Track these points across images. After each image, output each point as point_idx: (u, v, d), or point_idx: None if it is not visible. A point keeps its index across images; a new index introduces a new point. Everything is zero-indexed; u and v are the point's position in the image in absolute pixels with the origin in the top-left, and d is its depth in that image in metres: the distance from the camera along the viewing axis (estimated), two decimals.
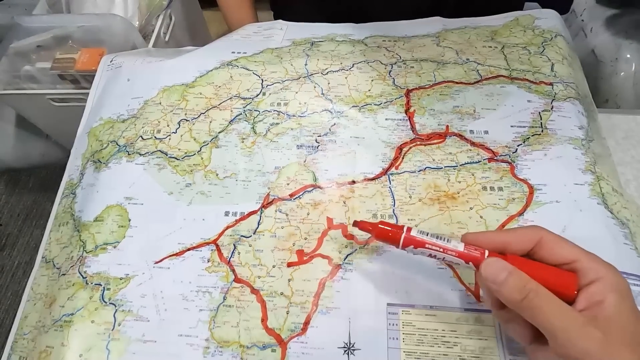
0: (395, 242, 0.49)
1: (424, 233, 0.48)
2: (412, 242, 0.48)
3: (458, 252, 0.46)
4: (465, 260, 0.45)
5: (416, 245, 0.47)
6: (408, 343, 0.51)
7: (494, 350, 0.50)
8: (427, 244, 0.47)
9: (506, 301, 0.42)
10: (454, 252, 0.46)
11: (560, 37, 0.75)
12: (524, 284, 0.41)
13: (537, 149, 0.62)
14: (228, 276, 0.56)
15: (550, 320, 0.40)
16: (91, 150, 0.72)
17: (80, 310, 0.56)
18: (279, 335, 0.52)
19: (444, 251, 0.46)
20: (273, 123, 0.68)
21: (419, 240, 0.47)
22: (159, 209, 0.63)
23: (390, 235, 0.49)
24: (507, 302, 0.42)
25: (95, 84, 0.81)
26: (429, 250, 0.47)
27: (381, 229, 0.50)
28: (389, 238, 0.49)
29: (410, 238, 0.48)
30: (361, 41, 0.79)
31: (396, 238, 0.48)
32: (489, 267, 0.43)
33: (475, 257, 0.45)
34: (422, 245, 0.47)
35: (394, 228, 0.49)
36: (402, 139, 0.65)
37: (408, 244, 0.48)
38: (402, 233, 0.48)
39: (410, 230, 0.48)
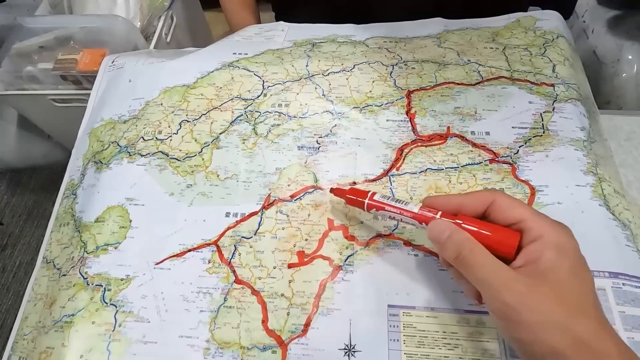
0: (361, 206, 0.54)
1: (385, 197, 0.52)
2: (374, 205, 0.52)
3: (413, 213, 0.49)
4: (419, 221, 0.48)
5: (377, 208, 0.52)
6: (409, 345, 0.51)
7: (495, 352, 0.50)
8: (387, 206, 0.51)
9: (447, 259, 0.45)
10: (409, 213, 0.49)
11: (562, 38, 0.75)
12: (461, 242, 0.43)
13: (539, 150, 0.62)
14: (229, 277, 0.56)
15: (480, 276, 0.42)
16: (92, 151, 0.72)
17: (80, 311, 0.56)
18: (280, 337, 0.52)
19: (400, 212, 0.50)
20: (274, 124, 0.68)
21: (380, 203, 0.52)
22: (160, 209, 0.63)
23: (357, 200, 0.54)
24: (448, 259, 0.45)
25: (96, 84, 0.81)
26: (388, 213, 0.51)
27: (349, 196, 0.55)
28: (357, 203, 0.55)
29: (373, 202, 0.53)
30: (362, 42, 0.79)
31: (362, 202, 0.54)
32: (434, 227, 0.46)
33: (428, 218, 0.48)
34: (383, 208, 0.52)
35: (360, 194, 0.54)
36: (403, 140, 0.65)
37: (371, 207, 0.53)
38: (366, 198, 0.53)
39: (374, 194, 0.53)
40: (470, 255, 0.43)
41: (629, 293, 0.51)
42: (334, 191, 0.58)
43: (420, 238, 0.57)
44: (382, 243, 0.57)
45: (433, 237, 0.46)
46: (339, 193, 0.57)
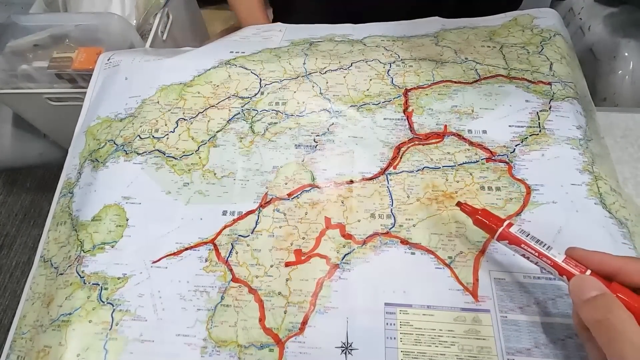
0: (492, 232, 0.51)
1: (524, 233, 0.49)
2: (508, 237, 0.49)
3: (554, 262, 0.46)
4: (560, 273, 0.45)
5: (511, 242, 0.49)
6: (405, 343, 0.51)
7: (491, 350, 0.50)
8: (523, 244, 0.48)
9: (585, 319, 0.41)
10: (549, 261, 0.46)
11: (559, 36, 0.75)
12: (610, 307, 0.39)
13: (535, 149, 0.62)
14: (226, 276, 0.56)
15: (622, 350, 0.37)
16: (89, 150, 0.71)
17: (77, 310, 0.56)
18: (277, 335, 0.52)
19: (539, 256, 0.47)
20: (271, 122, 0.68)
21: (516, 237, 0.49)
22: (156, 208, 0.63)
23: (488, 225, 0.51)
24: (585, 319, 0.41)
25: (92, 82, 0.80)
26: (523, 251, 0.48)
27: (480, 220, 0.52)
28: (487, 228, 0.51)
29: (508, 234, 0.49)
30: (360, 41, 0.79)
31: (493, 230, 0.50)
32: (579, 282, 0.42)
33: (571, 273, 0.44)
34: (518, 244, 0.48)
35: (493, 220, 0.51)
36: (400, 138, 0.65)
37: (503, 239, 0.50)
38: (501, 227, 0.50)
39: (511, 226, 0.49)
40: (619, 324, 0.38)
41: None
42: (461, 206, 0.55)
43: (417, 237, 0.57)
44: (379, 241, 0.57)
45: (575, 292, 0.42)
46: (467, 210, 0.54)
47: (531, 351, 0.49)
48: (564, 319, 0.51)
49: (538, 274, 0.53)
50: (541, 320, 0.51)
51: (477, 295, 0.53)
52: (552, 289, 0.52)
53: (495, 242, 0.55)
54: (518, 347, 0.50)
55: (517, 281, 0.53)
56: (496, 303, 0.52)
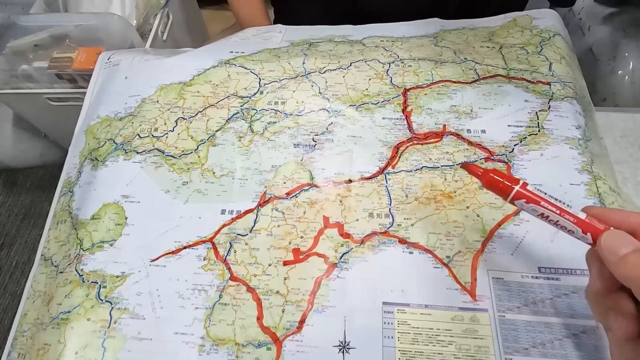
0: (504, 193, 0.45)
1: (541, 192, 0.44)
2: (524, 196, 0.44)
3: (577, 218, 0.42)
4: (583, 230, 0.42)
5: (529, 200, 0.44)
6: (403, 342, 0.51)
7: (489, 349, 0.50)
8: (542, 201, 0.43)
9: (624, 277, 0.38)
10: (572, 218, 0.42)
11: (558, 36, 0.75)
12: None
13: (534, 149, 0.62)
14: (224, 274, 0.57)
15: None
16: (89, 149, 0.72)
17: (76, 308, 0.56)
18: (275, 334, 0.52)
19: (560, 214, 0.43)
20: (270, 122, 0.68)
21: (534, 196, 0.44)
22: (155, 207, 0.63)
23: (501, 185, 0.45)
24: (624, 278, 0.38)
25: (92, 81, 0.81)
26: (542, 209, 0.43)
27: (493, 179, 0.46)
28: (500, 188, 0.46)
29: (526, 192, 0.44)
30: (359, 41, 0.79)
31: (506, 190, 0.45)
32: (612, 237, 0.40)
33: (596, 229, 0.41)
34: (537, 202, 0.44)
35: (507, 179, 0.46)
36: (399, 138, 0.65)
37: (519, 197, 0.44)
38: (516, 186, 0.45)
39: (526, 185, 0.45)
40: None
41: None
42: (468, 167, 0.50)
43: (416, 236, 0.57)
44: (377, 241, 0.57)
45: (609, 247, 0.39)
46: (473, 170, 0.49)
47: (529, 351, 0.49)
48: (562, 319, 0.51)
49: (536, 274, 0.53)
50: (539, 319, 0.51)
51: (475, 294, 0.53)
52: (550, 289, 0.52)
53: (493, 242, 0.55)
54: (516, 346, 0.50)
55: (515, 281, 0.53)
56: (494, 302, 0.52)
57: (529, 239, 0.55)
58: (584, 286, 0.50)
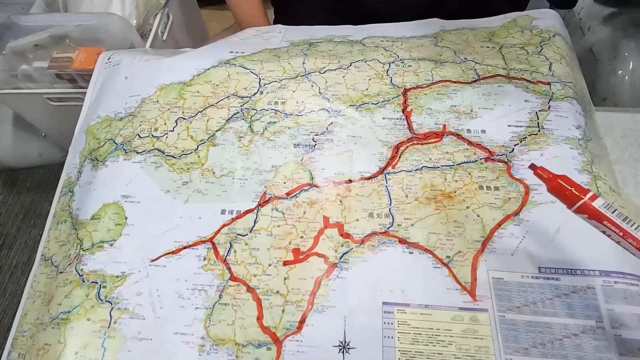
0: (570, 203, 0.45)
1: (610, 208, 0.43)
2: (588, 211, 0.44)
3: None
4: None
5: (592, 216, 0.43)
6: (403, 342, 0.51)
7: (489, 349, 0.50)
8: (606, 220, 0.43)
9: None
10: (635, 242, 0.42)
11: (558, 36, 0.75)
12: None
13: (534, 149, 0.62)
14: (224, 274, 0.57)
15: None
16: (89, 148, 0.72)
17: (76, 308, 0.56)
18: (275, 334, 0.52)
19: (623, 236, 0.42)
20: (270, 122, 0.68)
21: (599, 213, 0.43)
22: (155, 207, 0.63)
23: (569, 193, 0.45)
24: None
25: (93, 81, 0.81)
26: (604, 228, 0.43)
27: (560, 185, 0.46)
28: (568, 197, 0.45)
29: (589, 207, 0.43)
30: (359, 41, 0.79)
31: (573, 200, 0.44)
32: None
33: None
34: (600, 220, 0.43)
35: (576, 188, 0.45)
36: (399, 138, 0.65)
37: (583, 212, 0.44)
38: (583, 198, 0.44)
39: (596, 198, 0.44)
40: None
41: (620, 291, 0.51)
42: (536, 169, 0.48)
43: (416, 236, 0.57)
44: (377, 241, 0.57)
45: None
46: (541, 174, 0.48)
47: (529, 351, 0.49)
48: (562, 319, 0.51)
49: (536, 274, 0.53)
50: (539, 319, 0.51)
51: (475, 294, 0.53)
52: (550, 289, 0.52)
53: (493, 242, 0.55)
54: (516, 346, 0.50)
55: (516, 281, 0.53)
56: (494, 302, 0.52)
57: (529, 239, 0.55)
58: (584, 286, 0.51)
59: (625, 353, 0.49)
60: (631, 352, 0.49)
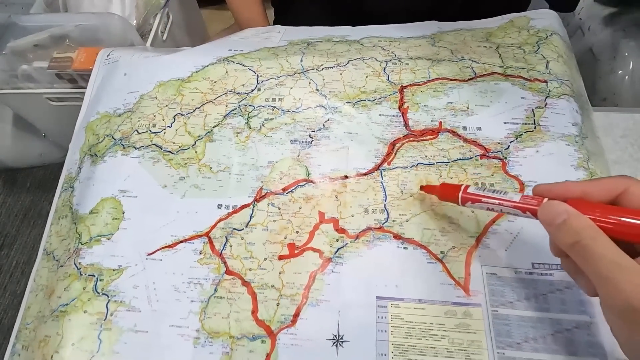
0: (455, 200, 0.53)
1: (480, 189, 0.51)
2: (469, 199, 0.51)
3: (514, 202, 0.46)
4: (522, 210, 0.45)
5: (473, 201, 0.51)
6: (396, 336, 0.51)
7: (481, 343, 0.50)
8: (483, 197, 0.49)
9: (561, 245, 0.40)
10: (509, 203, 0.46)
11: (556, 35, 0.75)
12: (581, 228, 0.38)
13: (530, 146, 0.62)
14: (219, 268, 0.57)
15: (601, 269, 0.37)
16: (88, 144, 0.72)
17: (74, 301, 0.57)
18: (269, 327, 0.53)
19: (500, 203, 0.47)
20: (267, 118, 0.68)
21: (476, 196, 0.50)
22: (152, 201, 0.63)
23: (450, 195, 0.54)
24: (562, 246, 0.40)
25: (92, 78, 0.81)
26: (486, 204, 0.49)
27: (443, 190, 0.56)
28: (451, 198, 0.54)
29: (468, 195, 0.51)
30: (357, 41, 0.80)
31: (456, 196, 0.53)
32: (546, 209, 0.42)
33: (532, 206, 0.44)
34: (479, 200, 0.50)
35: (452, 188, 0.54)
36: (395, 134, 0.65)
37: (466, 201, 0.51)
38: (459, 192, 0.52)
39: (467, 187, 0.52)
40: (592, 244, 0.37)
41: None
42: (424, 188, 0.59)
43: (410, 232, 0.57)
44: (372, 236, 0.57)
45: (545, 220, 0.42)
46: (429, 190, 0.58)
47: (521, 345, 0.50)
48: (555, 314, 0.51)
49: (530, 270, 0.54)
50: (532, 315, 0.51)
51: (469, 289, 0.53)
52: (543, 285, 0.52)
53: (487, 237, 0.56)
54: (508, 341, 0.50)
55: (509, 276, 0.53)
56: (487, 297, 0.52)
57: (523, 235, 0.55)
58: None
59: (617, 349, 0.49)
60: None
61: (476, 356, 0.50)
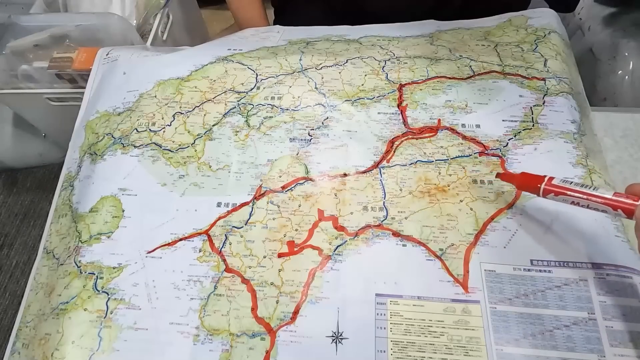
0: (536, 191, 0.52)
1: (567, 181, 0.50)
2: (552, 191, 0.50)
3: (605, 199, 0.46)
4: (613, 208, 0.45)
5: (557, 193, 0.50)
6: (395, 333, 0.51)
7: (480, 340, 0.50)
8: (569, 191, 0.48)
9: None
10: (599, 199, 0.46)
11: (554, 33, 0.75)
12: None
13: (528, 143, 0.62)
14: (219, 266, 0.57)
15: None
16: (88, 143, 0.72)
17: (74, 299, 0.57)
18: (269, 324, 0.53)
19: (587, 198, 0.47)
20: (267, 116, 0.68)
21: (560, 188, 0.49)
22: (152, 199, 0.63)
23: (532, 185, 0.52)
24: None
25: (91, 77, 0.81)
26: (571, 198, 0.48)
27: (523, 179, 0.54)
28: (530, 188, 0.53)
29: (551, 187, 0.50)
30: (356, 40, 0.80)
31: (537, 187, 0.52)
32: None
33: (626, 204, 0.44)
34: (564, 193, 0.49)
35: (534, 178, 0.52)
36: (394, 132, 0.65)
37: (548, 193, 0.51)
38: (542, 183, 0.51)
39: (552, 179, 0.51)
40: None
41: (613, 283, 0.52)
42: (501, 176, 0.58)
43: (409, 229, 0.57)
44: (371, 233, 0.57)
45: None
46: (507, 178, 0.57)
47: (519, 342, 0.50)
48: (553, 311, 0.51)
49: (529, 267, 0.54)
50: (530, 311, 0.51)
51: (467, 286, 0.53)
52: (542, 281, 0.53)
53: (486, 234, 0.56)
54: (507, 337, 0.50)
55: (508, 273, 0.53)
56: (486, 294, 0.53)
57: (522, 232, 0.56)
58: (576, 279, 0.52)
59: (616, 344, 0.49)
60: (622, 344, 0.49)
61: (475, 352, 0.50)
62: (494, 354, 0.50)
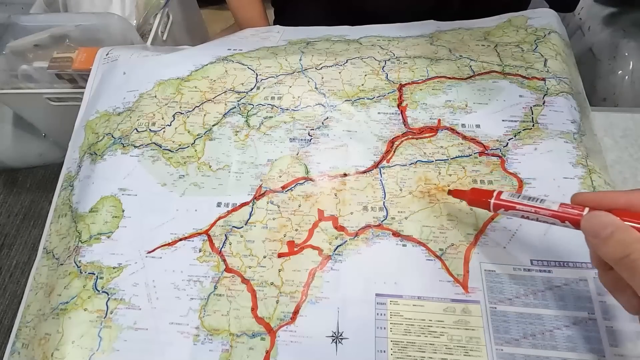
0: (487, 206, 0.51)
1: (514, 195, 0.49)
2: (502, 205, 0.49)
3: (551, 211, 0.45)
4: (561, 220, 0.44)
5: (507, 208, 0.49)
6: (395, 332, 0.51)
7: (480, 340, 0.50)
8: (518, 205, 0.48)
9: (606, 258, 0.39)
10: (547, 212, 0.45)
11: (554, 33, 0.75)
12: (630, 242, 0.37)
13: (528, 143, 0.62)
14: (219, 266, 0.57)
15: None
16: (88, 143, 0.72)
17: (74, 299, 0.57)
18: (269, 324, 0.53)
19: (535, 211, 0.46)
20: (267, 116, 0.69)
21: (509, 203, 0.49)
22: (152, 199, 0.63)
23: (481, 201, 0.52)
24: (607, 259, 0.39)
25: (91, 77, 0.81)
26: (520, 212, 0.48)
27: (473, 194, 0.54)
28: (481, 203, 0.52)
29: (501, 202, 0.49)
30: (356, 40, 0.80)
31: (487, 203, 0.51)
32: (592, 220, 0.41)
33: (573, 216, 0.43)
34: (512, 207, 0.48)
35: (484, 193, 0.52)
36: (394, 132, 0.65)
37: (498, 207, 0.50)
38: (492, 198, 0.50)
39: (501, 194, 0.50)
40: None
41: None
42: (452, 193, 0.57)
43: (409, 229, 0.57)
44: (371, 233, 0.57)
45: (590, 231, 0.41)
46: (457, 195, 0.56)
47: (519, 342, 0.50)
48: (553, 311, 0.51)
49: (528, 267, 0.54)
50: (530, 311, 0.51)
51: (467, 286, 0.53)
52: (542, 281, 0.53)
53: (486, 234, 0.56)
54: (507, 337, 0.50)
55: (507, 273, 0.53)
56: (486, 294, 0.53)
57: (522, 232, 0.56)
58: (576, 278, 0.52)
59: (615, 344, 0.49)
60: (622, 344, 0.49)
61: (475, 352, 0.50)
62: (493, 354, 0.49)
